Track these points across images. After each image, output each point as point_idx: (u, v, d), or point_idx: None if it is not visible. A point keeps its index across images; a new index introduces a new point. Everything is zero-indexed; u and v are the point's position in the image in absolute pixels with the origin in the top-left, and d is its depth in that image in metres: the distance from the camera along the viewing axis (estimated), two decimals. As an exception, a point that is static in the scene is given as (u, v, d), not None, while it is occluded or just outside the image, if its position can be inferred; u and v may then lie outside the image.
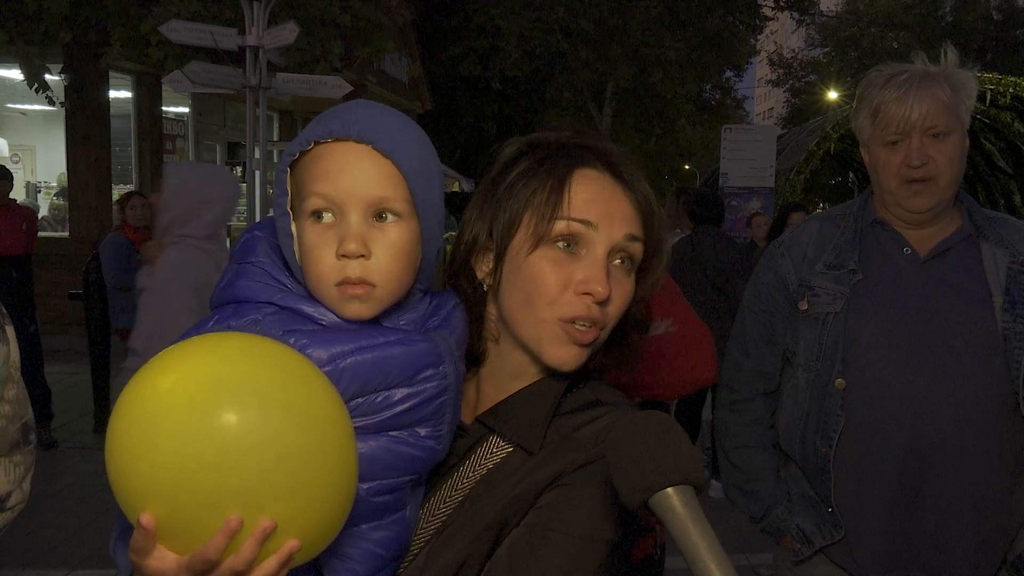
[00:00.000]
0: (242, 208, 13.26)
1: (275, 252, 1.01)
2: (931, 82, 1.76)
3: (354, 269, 0.93)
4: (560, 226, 1.01)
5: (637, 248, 1.05)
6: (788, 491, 1.97)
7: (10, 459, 1.50)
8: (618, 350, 1.11)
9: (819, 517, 1.88)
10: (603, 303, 1.01)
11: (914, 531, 1.79)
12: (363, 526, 0.97)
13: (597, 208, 1.02)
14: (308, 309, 0.96)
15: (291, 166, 0.98)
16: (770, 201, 10.78)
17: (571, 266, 1.01)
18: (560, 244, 1.01)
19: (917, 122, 1.74)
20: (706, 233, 5.37)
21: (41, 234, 8.16)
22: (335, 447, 0.82)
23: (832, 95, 29.60)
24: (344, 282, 0.94)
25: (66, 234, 9.87)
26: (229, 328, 0.94)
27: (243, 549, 0.78)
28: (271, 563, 0.80)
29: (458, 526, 1.01)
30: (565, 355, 1.02)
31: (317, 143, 0.95)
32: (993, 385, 1.74)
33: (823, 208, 19.52)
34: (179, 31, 6.46)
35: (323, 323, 0.96)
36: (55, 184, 11.18)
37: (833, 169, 21.86)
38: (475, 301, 1.08)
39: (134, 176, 10.59)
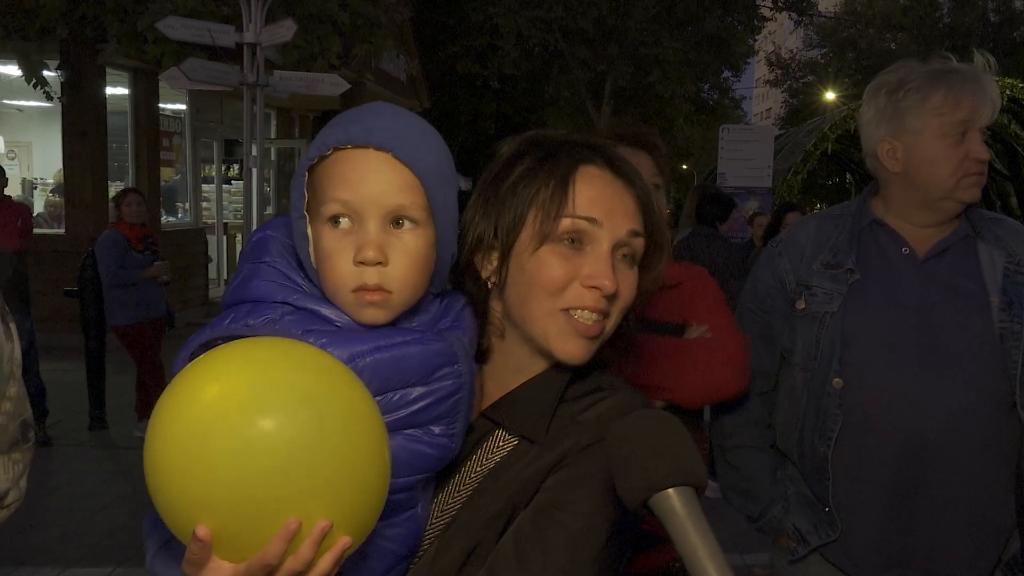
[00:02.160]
0: (239, 205, 13.27)
1: (288, 252, 1.01)
2: (988, 83, 1.80)
3: (371, 276, 0.94)
4: (565, 224, 1.03)
5: (639, 243, 1.07)
6: (785, 490, 1.97)
7: (9, 456, 1.50)
8: (618, 342, 1.13)
9: (815, 516, 1.88)
10: (610, 297, 1.03)
11: (910, 531, 1.79)
12: (378, 524, 0.97)
13: (601, 205, 1.04)
14: (325, 311, 0.97)
15: (309, 169, 0.98)
16: (767, 201, 10.78)
17: (577, 260, 1.03)
18: (566, 241, 1.03)
19: (983, 119, 1.77)
20: (702, 233, 5.43)
21: (37, 231, 8.13)
22: (375, 444, 0.83)
23: (830, 96, 29.62)
24: (361, 288, 0.95)
25: (62, 231, 9.84)
26: (247, 327, 0.95)
27: (302, 551, 0.79)
28: (327, 561, 0.82)
29: (467, 519, 1.03)
30: (573, 348, 1.04)
31: (337, 149, 0.95)
32: (990, 386, 1.75)
33: (820, 208, 19.53)
34: (176, 28, 6.45)
35: (339, 325, 0.97)
36: (51, 180, 11.14)
37: (830, 170, 21.88)
38: (479, 299, 1.09)
39: (131, 173, 10.56)
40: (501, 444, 1.07)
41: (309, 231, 0.98)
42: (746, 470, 2.01)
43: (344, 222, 0.95)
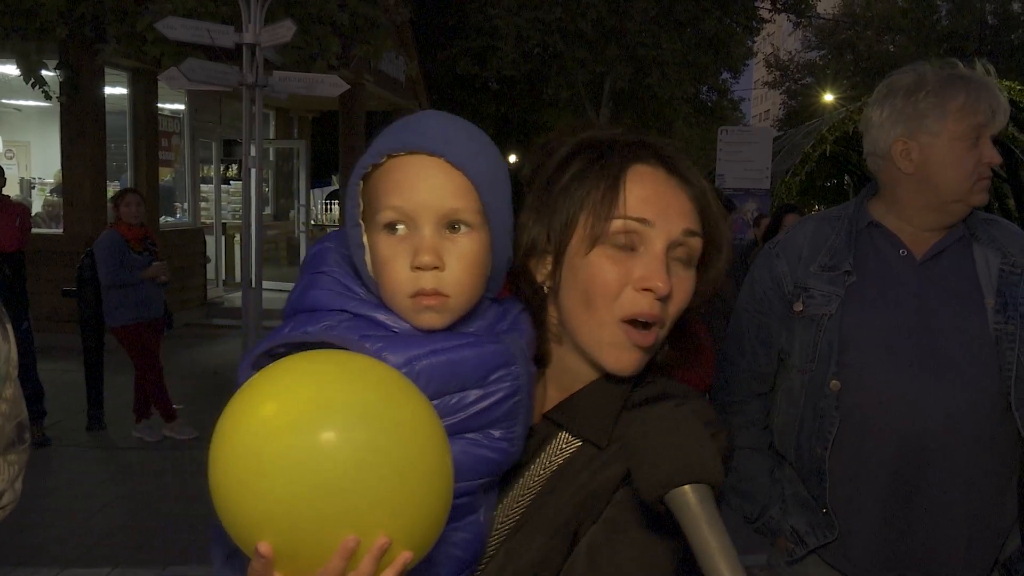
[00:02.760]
0: (237, 206, 13.27)
1: (346, 262, 1.02)
2: (999, 90, 1.83)
3: (428, 281, 0.95)
4: (617, 225, 1.00)
5: (696, 242, 1.03)
6: (782, 492, 1.97)
7: (4, 458, 1.50)
8: (682, 345, 1.10)
9: (813, 518, 1.88)
10: (664, 299, 1.00)
11: (908, 532, 1.79)
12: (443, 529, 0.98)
13: (653, 205, 1.01)
14: (381, 317, 0.98)
15: (363, 178, 0.99)
16: (766, 203, 10.80)
17: (630, 263, 1.00)
18: (618, 242, 1.01)
19: (998, 125, 1.79)
20: None
21: (35, 231, 8.13)
22: (436, 456, 0.83)
23: (828, 97, 29.65)
24: (419, 293, 0.95)
25: (60, 231, 9.83)
26: (306, 333, 0.96)
27: (361, 567, 0.79)
28: None
29: (534, 524, 1.01)
30: (625, 361, 1.01)
31: (390, 156, 0.96)
32: (987, 387, 1.75)
33: (818, 210, 19.51)
34: (176, 28, 6.44)
35: (396, 330, 0.97)
36: (50, 180, 11.14)
37: (829, 171, 21.89)
38: (536, 305, 1.07)
39: (129, 173, 10.56)
40: (564, 446, 1.05)
41: (365, 239, 0.99)
42: (744, 471, 2.01)
43: (400, 228, 0.96)
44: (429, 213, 0.95)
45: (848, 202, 1.99)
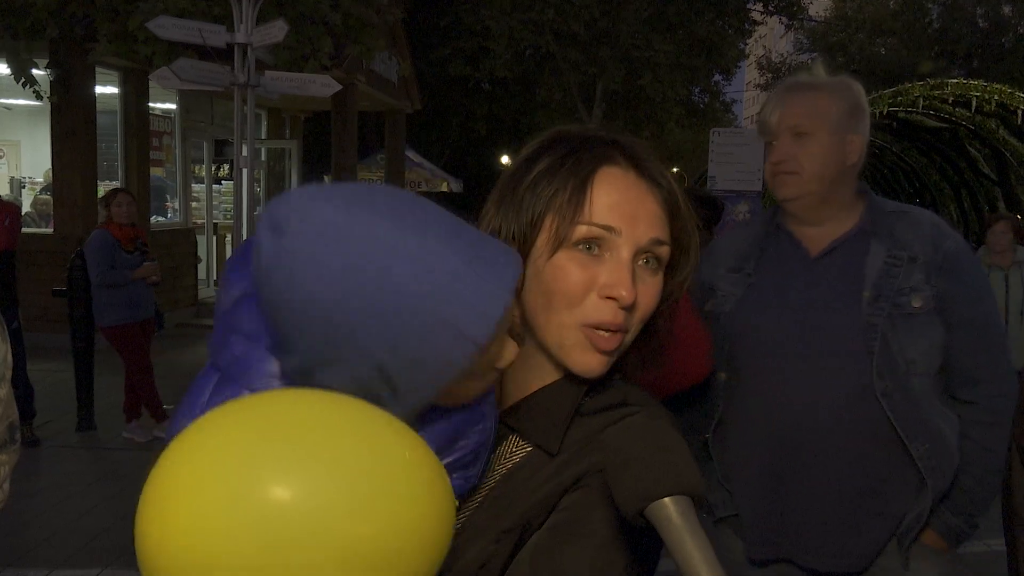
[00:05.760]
0: (228, 206, 13.23)
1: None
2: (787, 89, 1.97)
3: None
4: (582, 231, 0.97)
5: (663, 251, 1.01)
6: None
7: (-6, 458, 1.49)
8: (644, 348, 1.07)
9: (720, 493, 2.03)
10: (628, 308, 0.98)
11: (783, 515, 1.91)
12: None
13: (620, 212, 0.98)
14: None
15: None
16: (757, 205, 10.82)
17: (595, 268, 0.98)
18: (582, 247, 0.98)
19: (774, 122, 1.93)
20: (703, 240, 5.45)
21: (25, 230, 8.09)
22: (429, 506, 0.72)
23: (820, 100, 29.68)
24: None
25: (50, 230, 9.78)
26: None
27: None
28: None
29: (479, 526, 0.99)
30: (589, 362, 0.99)
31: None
32: (858, 379, 1.83)
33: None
34: (167, 27, 6.42)
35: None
36: (40, 180, 11.08)
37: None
38: None
39: (120, 173, 10.52)
40: (515, 450, 1.03)
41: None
42: None
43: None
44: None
45: (772, 207, 2.09)
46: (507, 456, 1.03)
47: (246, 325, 0.89)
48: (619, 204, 0.98)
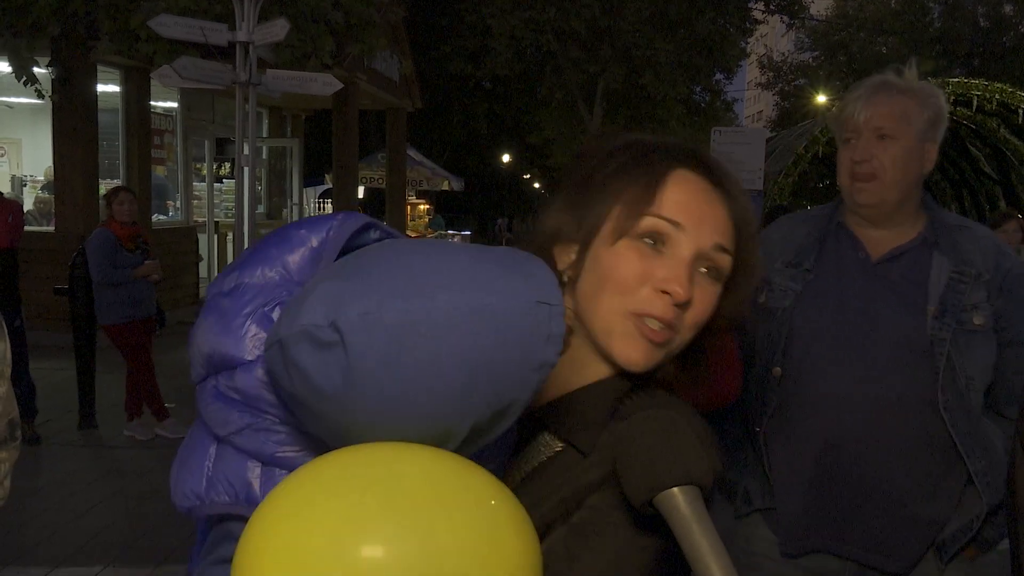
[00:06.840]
0: (230, 204, 13.24)
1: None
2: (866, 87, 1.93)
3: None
4: (647, 222, 0.97)
5: (725, 260, 0.99)
6: (745, 457, 2.08)
7: (-5, 455, 1.49)
8: (694, 367, 1.05)
9: (763, 483, 2.01)
10: (681, 306, 0.96)
11: (827, 511, 1.90)
12: None
13: (689, 211, 0.97)
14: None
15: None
16: (759, 203, 10.83)
17: (654, 262, 0.97)
18: (645, 240, 0.97)
19: (857, 119, 1.89)
20: None
21: (27, 228, 8.10)
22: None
23: (821, 99, 29.71)
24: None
25: (52, 228, 9.79)
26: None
27: None
28: None
29: None
30: (635, 351, 0.97)
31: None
32: (914, 390, 1.83)
33: (811, 211, 19.50)
34: (169, 26, 6.42)
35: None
36: (41, 178, 11.09)
37: (821, 172, 21.96)
38: None
39: (121, 171, 10.52)
40: (544, 448, 1.02)
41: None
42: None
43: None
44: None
45: (831, 202, 2.06)
46: (538, 451, 1.03)
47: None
48: (688, 203, 0.98)
